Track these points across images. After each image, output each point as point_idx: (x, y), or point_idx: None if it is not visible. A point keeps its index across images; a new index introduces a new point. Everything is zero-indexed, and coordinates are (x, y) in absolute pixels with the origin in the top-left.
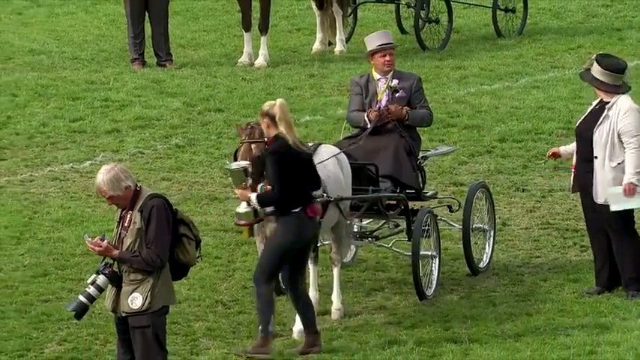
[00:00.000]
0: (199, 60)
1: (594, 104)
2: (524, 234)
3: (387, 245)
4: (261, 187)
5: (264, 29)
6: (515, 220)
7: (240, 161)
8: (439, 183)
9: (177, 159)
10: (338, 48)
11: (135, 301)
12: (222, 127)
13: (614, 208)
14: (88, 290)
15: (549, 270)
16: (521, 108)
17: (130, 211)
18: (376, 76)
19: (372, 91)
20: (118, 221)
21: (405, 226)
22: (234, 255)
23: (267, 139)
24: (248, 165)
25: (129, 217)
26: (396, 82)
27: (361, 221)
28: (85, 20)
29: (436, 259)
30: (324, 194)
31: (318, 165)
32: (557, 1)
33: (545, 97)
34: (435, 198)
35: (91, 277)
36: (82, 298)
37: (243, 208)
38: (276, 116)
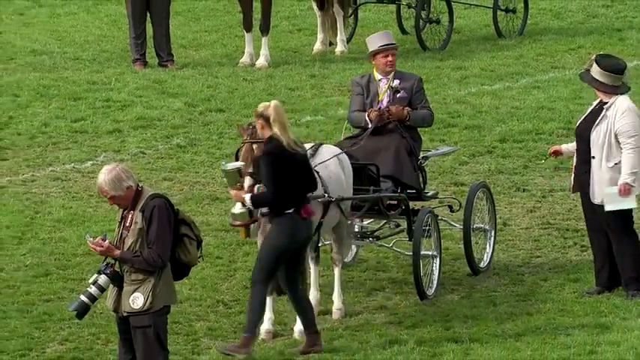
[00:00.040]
0: (201, 60)
1: (594, 104)
2: (524, 234)
3: (387, 245)
4: (258, 187)
5: (265, 30)
6: (516, 220)
7: (235, 162)
8: (440, 183)
9: (178, 159)
10: (339, 48)
11: (136, 301)
12: (223, 127)
13: (608, 207)
14: (89, 290)
15: (550, 270)
16: (522, 108)
17: (132, 211)
18: (377, 77)
19: (374, 92)
20: (119, 221)
21: (406, 226)
22: (235, 255)
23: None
24: (242, 166)
25: (130, 217)
26: (398, 83)
27: (362, 221)
28: (87, 21)
29: (437, 258)
30: (325, 194)
31: (319, 165)
32: (558, 2)
33: (546, 97)
34: (436, 198)
35: (93, 276)
36: (83, 297)
37: (238, 208)
38: (270, 117)
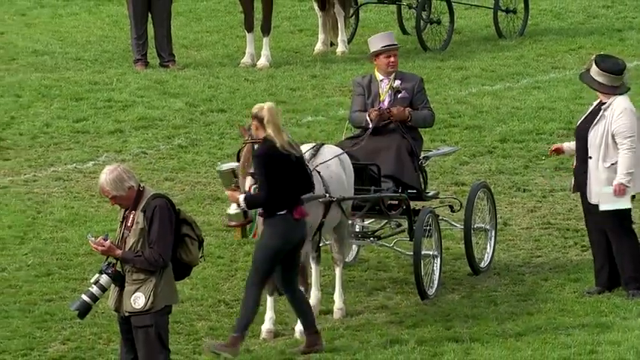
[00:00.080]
0: (202, 61)
1: (594, 104)
2: (525, 234)
3: (388, 245)
4: (255, 188)
5: (266, 30)
6: (517, 220)
7: (231, 162)
8: (441, 183)
9: (179, 159)
10: (340, 49)
11: (137, 301)
12: (224, 127)
13: (603, 207)
14: (91, 290)
15: (550, 269)
16: (522, 108)
17: (133, 211)
18: (379, 77)
19: (375, 92)
20: (121, 221)
21: (407, 226)
22: (236, 255)
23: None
24: (238, 166)
25: (132, 217)
26: (399, 83)
27: (363, 221)
28: (89, 21)
29: (438, 258)
30: (326, 194)
31: (320, 165)
32: (558, 2)
33: (546, 97)
34: (437, 198)
35: (94, 276)
36: (85, 297)
37: (233, 209)
38: (265, 119)
